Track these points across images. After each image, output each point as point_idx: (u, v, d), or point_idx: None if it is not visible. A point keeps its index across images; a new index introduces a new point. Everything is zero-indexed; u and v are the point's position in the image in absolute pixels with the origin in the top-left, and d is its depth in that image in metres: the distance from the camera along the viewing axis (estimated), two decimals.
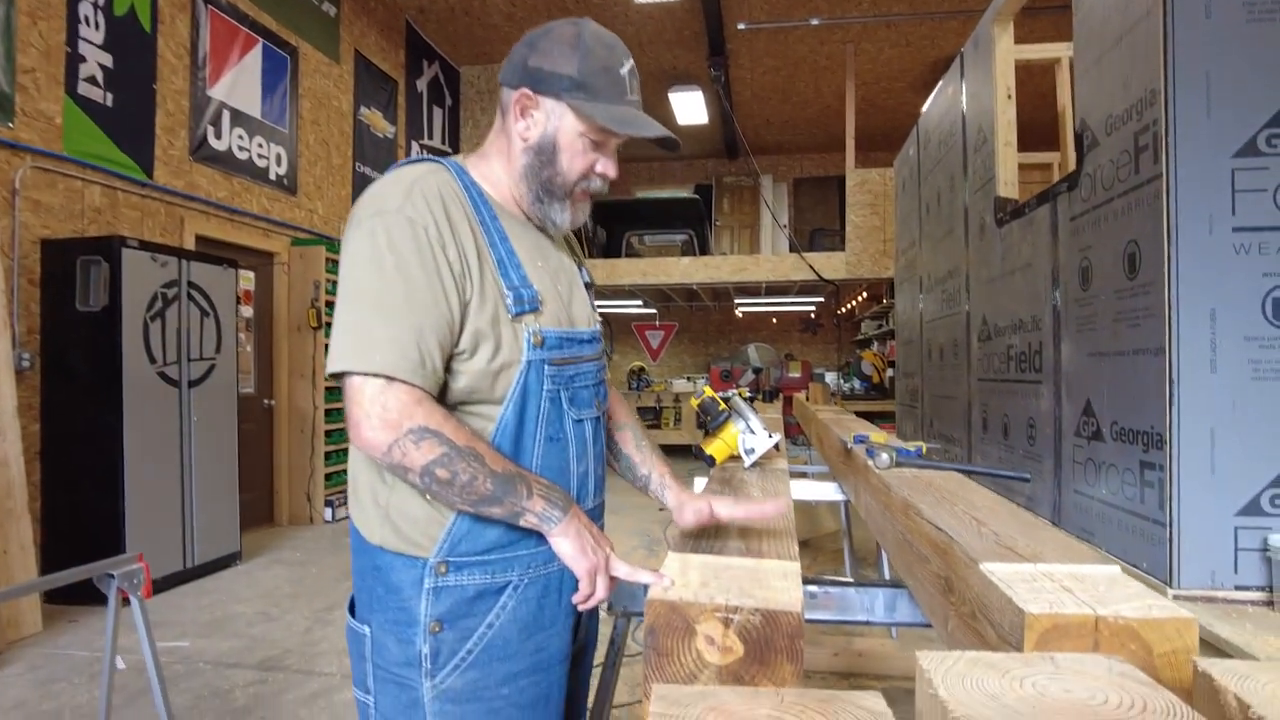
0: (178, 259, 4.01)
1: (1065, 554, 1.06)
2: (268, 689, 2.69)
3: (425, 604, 1.03)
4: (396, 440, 0.95)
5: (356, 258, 1.00)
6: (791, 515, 1.36)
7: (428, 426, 0.96)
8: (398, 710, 1.05)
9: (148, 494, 3.77)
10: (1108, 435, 2.04)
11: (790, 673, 0.88)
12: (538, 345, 1.07)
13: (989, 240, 3.15)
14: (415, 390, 0.97)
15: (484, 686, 1.05)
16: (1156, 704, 0.61)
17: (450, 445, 0.97)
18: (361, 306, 0.98)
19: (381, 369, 0.96)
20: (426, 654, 1.03)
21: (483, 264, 1.05)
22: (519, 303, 1.06)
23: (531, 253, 1.13)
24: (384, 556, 1.05)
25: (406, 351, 0.97)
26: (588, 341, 1.18)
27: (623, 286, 7.86)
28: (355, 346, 0.97)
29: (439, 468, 0.96)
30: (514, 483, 0.99)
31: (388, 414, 0.95)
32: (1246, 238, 1.73)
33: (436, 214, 1.02)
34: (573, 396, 1.14)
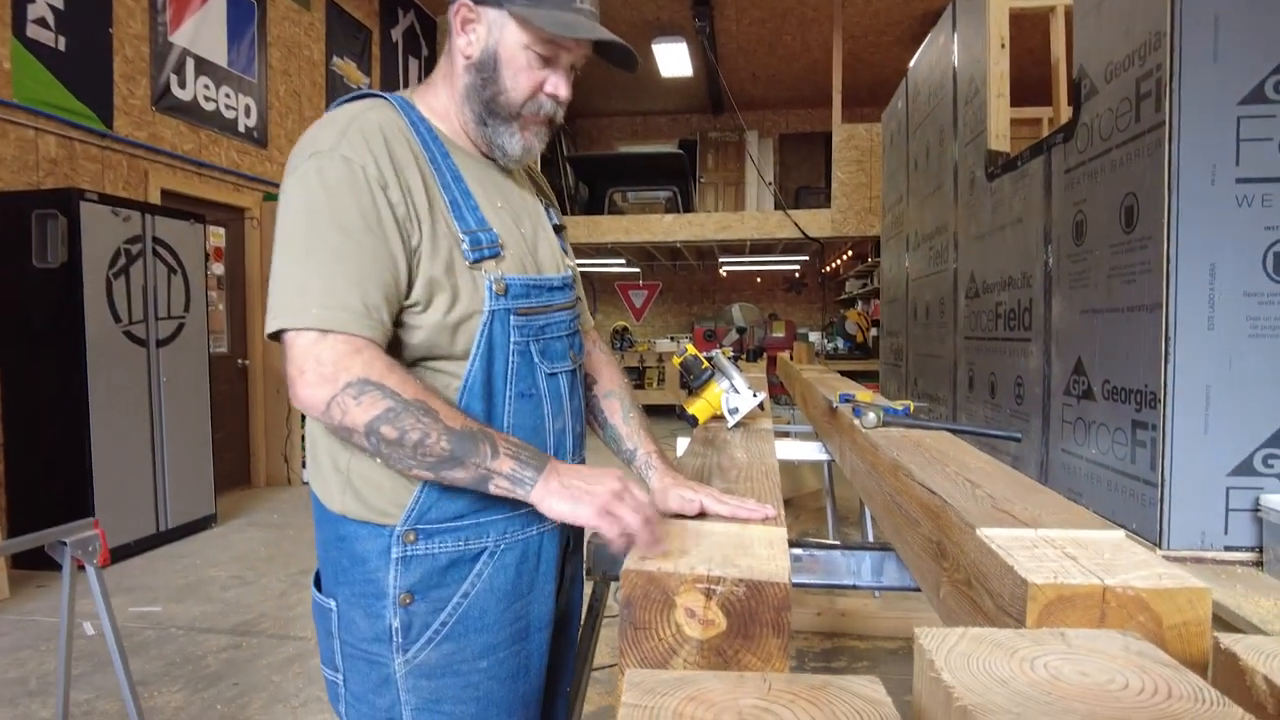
0: (141, 213, 3.85)
1: (1066, 518, 1.01)
2: (241, 654, 2.64)
3: (394, 575, 0.96)
4: (334, 396, 0.86)
5: (289, 205, 0.91)
6: (777, 479, 1.29)
7: (367, 378, 0.86)
8: (368, 688, 0.99)
9: (116, 456, 3.67)
10: (1099, 394, 2.00)
11: (776, 647, 0.83)
12: (501, 294, 0.99)
13: (979, 195, 3.07)
14: (354, 340, 0.88)
15: (460, 660, 0.99)
16: (1181, 689, 0.55)
17: (394, 398, 0.86)
18: (295, 257, 0.89)
19: (316, 322, 0.87)
20: (397, 628, 0.96)
21: (433, 206, 0.96)
22: (476, 248, 0.97)
23: (489, 192, 1.04)
24: (347, 526, 0.98)
25: (343, 301, 0.88)
26: (558, 289, 1.09)
27: (605, 244, 7.73)
28: (289, 301, 0.88)
29: (384, 425, 0.86)
30: (475, 440, 0.88)
31: (322, 367, 0.86)
32: (1249, 189, 1.66)
33: (377, 152, 0.92)
34: (544, 349, 1.05)
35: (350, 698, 1.00)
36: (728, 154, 10.75)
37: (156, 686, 2.39)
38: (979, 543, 0.94)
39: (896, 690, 0.56)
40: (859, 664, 2.52)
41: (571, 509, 0.87)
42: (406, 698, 0.97)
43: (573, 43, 1.00)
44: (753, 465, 1.40)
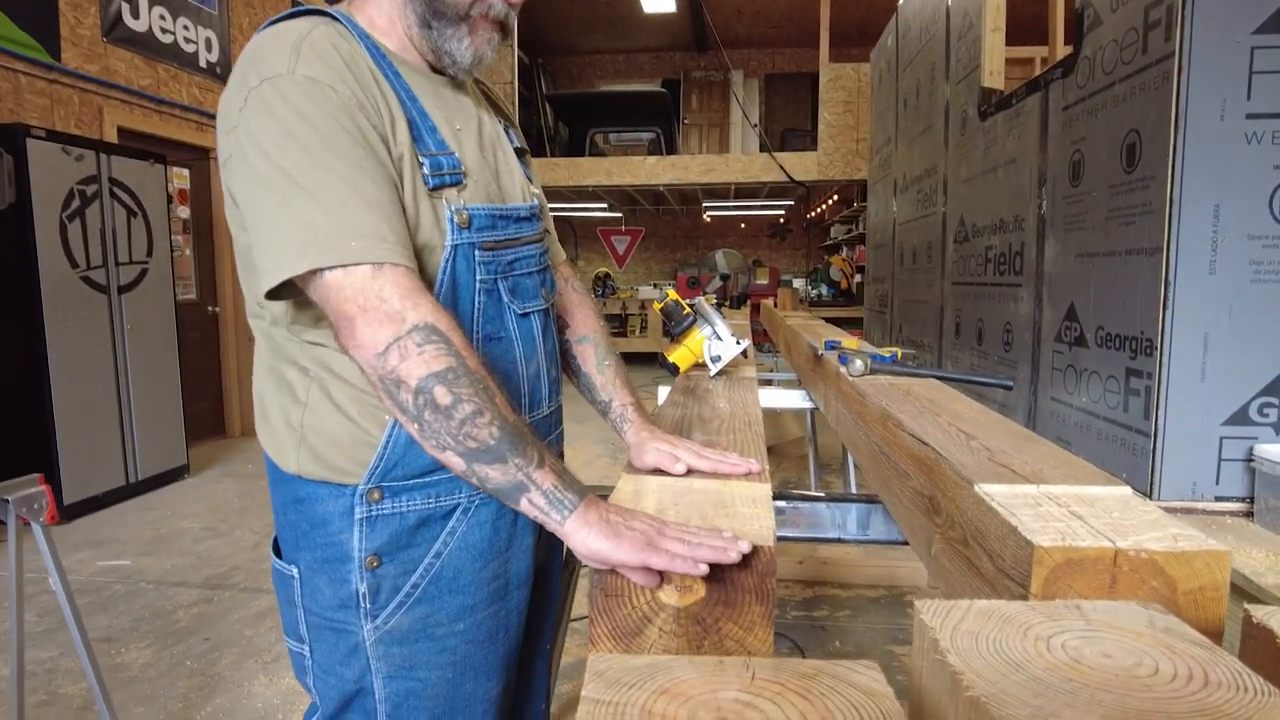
0: (95, 152, 3.66)
1: (1069, 472, 0.94)
2: (212, 608, 2.58)
3: (358, 537, 0.88)
4: (398, 339, 0.75)
5: (259, 141, 0.78)
6: (761, 430, 1.22)
7: (436, 326, 0.76)
8: (336, 659, 0.92)
9: (79, 407, 3.55)
10: (1092, 341, 1.94)
11: (760, 615, 0.76)
12: (464, 226, 0.89)
13: (971, 135, 2.97)
14: (409, 273, 0.78)
15: (435, 623, 0.92)
16: (1219, 674, 0.49)
17: (458, 358, 0.76)
18: (294, 194, 0.77)
19: (361, 256, 0.76)
20: (364, 593, 0.89)
21: (397, 125, 0.86)
22: (437, 173, 0.87)
23: (446, 112, 0.93)
24: (305, 487, 0.90)
25: (378, 230, 0.77)
26: (525, 219, 1.00)
27: (586, 188, 7.54)
28: (315, 239, 0.76)
29: (439, 385, 0.75)
30: (525, 440, 0.77)
31: (386, 304, 0.75)
32: (1260, 125, 1.58)
33: (338, 70, 0.82)
34: (514, 286, 0.96)
35: (318, 669, 0.93)
36: (712, 94, 10.47)
37: (124, 643, 2.33)
38: (977, 499, 0.87)
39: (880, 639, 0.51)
40: (841, 612, 2.51)
41: (613, 546, 0.72)
42: (378, 666, 0.91)
43: None
44: (735, 416, 1.33)
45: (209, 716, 1.94)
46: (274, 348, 0.91)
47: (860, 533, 1.44)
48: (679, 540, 0.72)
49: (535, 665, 1.15)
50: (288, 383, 0.90)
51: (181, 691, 2.06)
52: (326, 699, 0.93)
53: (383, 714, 0.92)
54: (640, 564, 0.70)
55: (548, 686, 1.22)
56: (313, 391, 0.89)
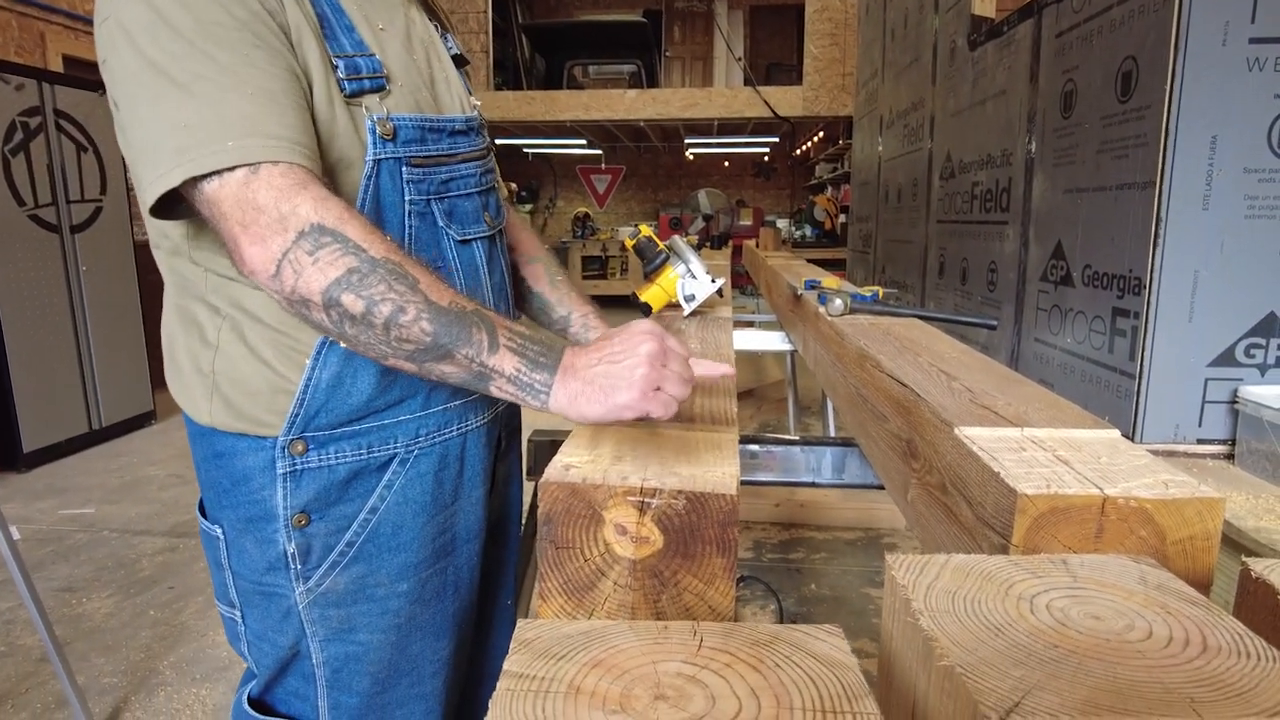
0: (38, 82, 3.45)
1: (1054, 415, 0.89)
2: (177, 557, 2.53)
3: (282, 494, 0.81)
4: (286, 252, 0.65)
5: (133, 27, 0.67)
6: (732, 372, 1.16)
7: (323, 224, 0.65)
8: (269, 625, 0.85)
9: (36, 353, 3.43)
10: (1078, 280, 1.88)
11: (721, 567, 0.71)
12: (387, 137, 0.78)
13: (959, 66, 2.86)
14: (294, 170, 0.67)
15: (374, 584, 0.85)
16: (1218, 638, 0.43)
17: (359, 253, 0.66)
18: (167, 91, 0.66)
19: (238, 158, 0.65)
20: (294, 554, 0.82)
21: (301, 25, 0.74)
22: (354, 75, 0.76)
23: (365, 9, 0.82)
24: (223, 440, 0.82)
25: (260, 125, 0.67)
26: (462, 132, 0.89)
27: (564, 123, 7.31)
28: (184, 144, 0.65)
29: (345, 292, 0.65)
30: (466, 324, 0.67)
31: (264, 213, 0.65)
32: (1263, 50, 1.50)
33: None
34: (450, 209, 0.86)
35: (251, 636, 0.87)
36: (695, 26, 10.13)
37: (85, 592, 2.28)
38: (957, 443, 0.81)
39: (856, 582, 0.48)
40: (817, 555, 2.51)
41: (610, 409, 0.67)
42: (313, 630, 0.84)
43: None
44: (705, 357, 1.27)
45: (172, 666, 1.91)
46: (180, 283, 0.82)
47: (835, 477, 1.39)
48: (678, 378, 0.69)
49: (495, 622, 1.09)
50: (197, 323, 0.81)
51: (144, 641, 2.02)
52: (262, 665, 0.88)
53: (322, 679, 0.86)
54: (644, 414, 0.68)
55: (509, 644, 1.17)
56: (224, 333, 0.80)
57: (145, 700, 1.80)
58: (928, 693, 0.43)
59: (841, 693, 0.39)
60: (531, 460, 1.50)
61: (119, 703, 1.79)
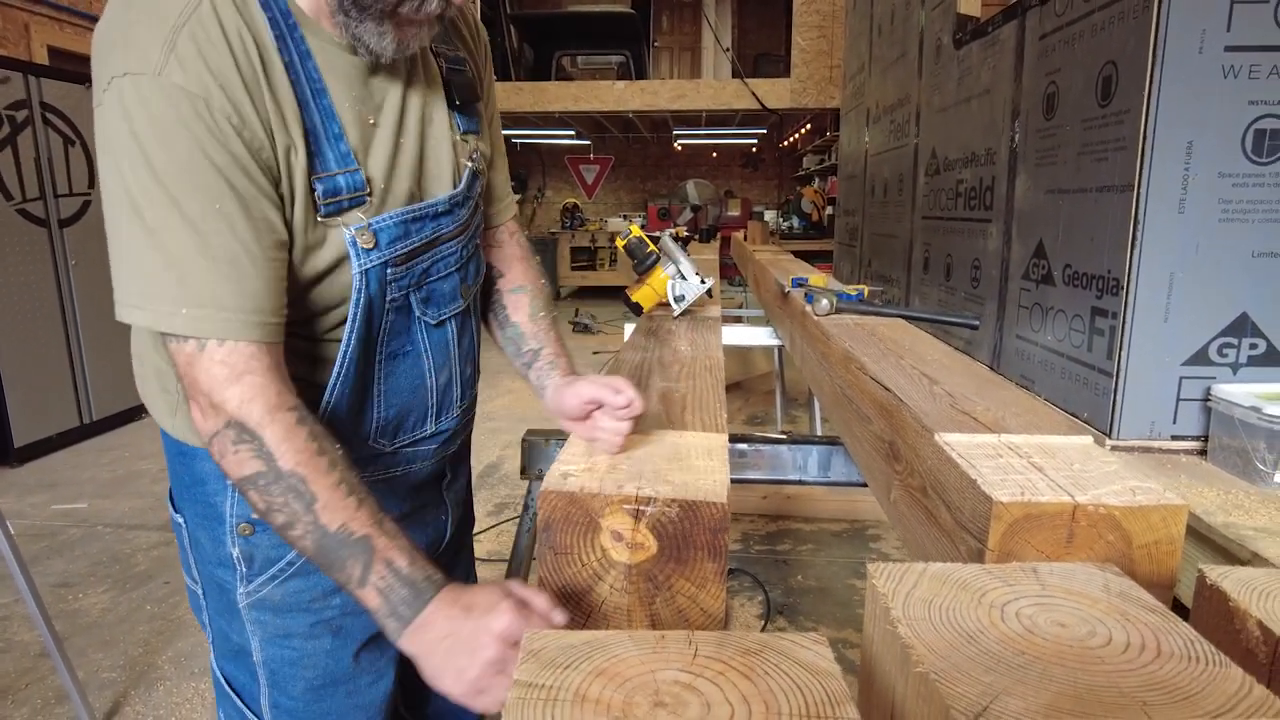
0: (24, 75, 3.42)
1: (1031, 420, 0.93)
2: (172, 551, 2.54)
3: (230, 503, 0.85)
4: (217, 432, 0.71)
5: (118, 151, 0.68)
6: (721, 375, 1.20)
7: (245, 424, 0.70)
8: (219, 610, 0.91)
9: (24, 346, 3.42)
10: (1059, 279, 1.92)
11: (712, 571, 0.75)
12: (370, 247, 0.79)
13: (945, 64, 2.88)
14: (237, 349, 0.70)
15: (310, 598, 0.88)
16: (1171, 644, 0.47)
17: (269, 461, 0.70)
18: (138, 229, 0.68)
19: (187, 328, 0.69)
20: (239, 557, 0.86)
21: (292, 137, 0.74)
22: (333, 199, 0.77)
23: (358, 104, 0.80)
24: (185, 444, 0.87)
25: (219, 295, 0.69)
26: (445, 213, 0.87)
27: (552, 113, 7.30)
28: (150, 294, 0.69)
29: (252, 490, 0.71)
30: (344, 555, 0.70)
31: (205, 395, 0.71)
32: (1238, 58, 1.53)
33: (221, 72, 0.68)
34: (428, 295, 0.87)
35: (212, 613, 0.93)
36: (683, 16, 10.11)
37: (81, 588, 2.30)
38: (937, 449, 0.85)
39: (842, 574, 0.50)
40: (804, 546, 2.55)
41: (435, 681, 0.70)
42: (253, 629, 0.89)
43: None
44: (696, 360, 1.30)
45: (170, 661, 1.93)
46: None
47: (821, 474, 1.43)
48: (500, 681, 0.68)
49: None
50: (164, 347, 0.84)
51: (142, 636, 2.04)
52: (218, 644, 0.93)
53: (263, 678, 0.90)
54: (459, 702, 0.69)
55: None
56: None
57: (145, 695, 1.82)
58: (905, 696, 0.47)
59: (825, 699, 0.43)
60: (525, 459, 1.53)
61: (118, 697, 1.81)
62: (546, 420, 1.02)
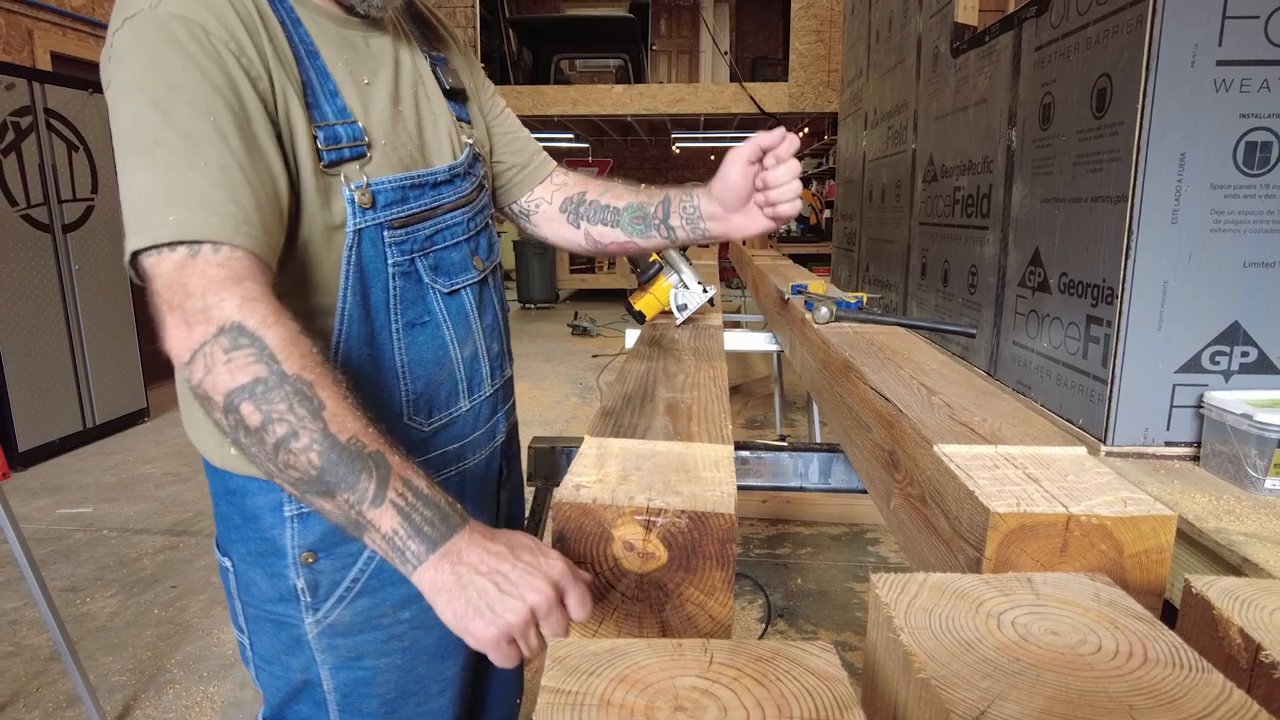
0: (28, 81, 3.44)
1: (1026, 431, 0.96)
2: (178, 555, 2.57)
3: (290, 534, 0.84)
4: (203, 344, 0.63)
5: (118, 90, 0.69)
6: (725, 388, 1.22)
7: (244, 325, 0.63)
8: (279, 650, 0.89)
9: (29, 351, 3.45)
10: (1055, 287, 1.96)
11: (720, 580, 0.78)
12: (366, 206, 0.79)
13: (942, 71, 2.92)
14: (233, 258, 0.66)
15: (379, 614, 0.89)
16: (1157, 650, 0.50)
17: (270, 363, 0.63)
18: (136, 156, 0.67)
19: (178, 233, 0.65)
20: (303, 588, 0.86)
21: (286, 88, 0.75)
22: (334, 146, 0.77)
23: (353, 64, 0.82)
24: (234, 479, 0.85)
25: (207, 199, 0.66)
26: (445, 183, 0.89)
27: (551, 117, 7.33)
28: (140, 215, 0.66)
29: (247, 401, 0.62)
30: (357, 467, 0.63)
31: (191, 299, 0.64)
32: (1230, 72, 1.57)
33: (218, 7, 0.71)
34: (436, 263, 0.88)
35: (260, 660, 0.91)
36: (681, 19, 10.15)
37: (89, 592, 2.32)
38: (936, 460, 0.88)
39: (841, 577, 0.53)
40: (803, 550, 2.58)
41: (459, 622, 0.62)
42: (323, 657, 0.89)
43: None
44: (700, 370, 1.33)
45: (179, 664, 1.96)
46: None
47: (822, 481, 1.46)
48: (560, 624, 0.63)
49: None
50: None
51: (150, 640, 2.07)
52: (271, 690, 0.92)
53: (333, 704, 0.90)
54: (484, 651, 0.63)
55: None
56: None
57: (154, 698, 1.84)
58: (907, 701, 0.50)
59: (834, 703, 0.46)
60: (531, 466, 1.56)
61: (129, 701, 1.84)
62: (551, 428, 1.04)
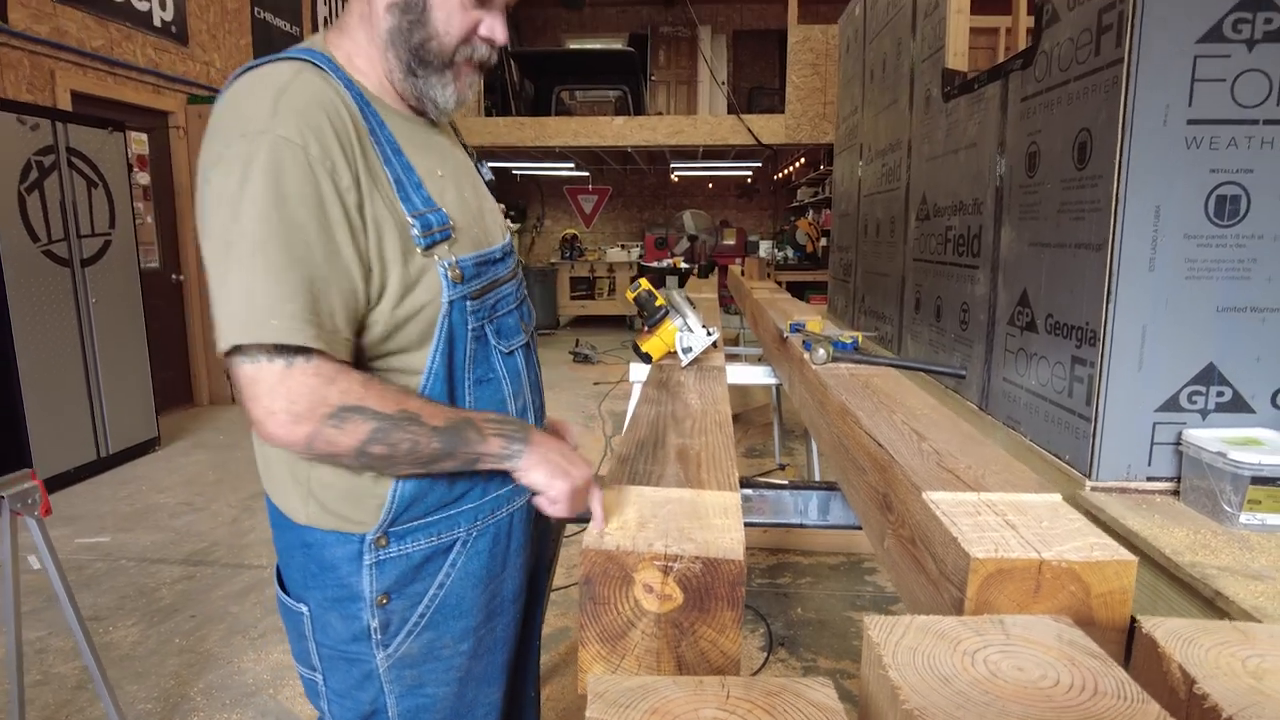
0: (52, 121, 3.56)
1: (1007, 478, 1.05)
2: (195, 585, 2.64)
3: (368, 580, 0.94)
4: (315, 432, 0.80)
5: (220, 199, 0.78)
6: (730, 431, 1.31)
7: (345, 405, 0.81)
8: (350, 685, 0.98)
9: (47, 383, 3.53)
10: (1042, 327, 2.05)
11: (730, 619, 0.86)
12: (457, 281, 0.92)
13: (934, 114, 3.03)
14: (323, 365, 0.80)
15: (441, 646, 0.99)
16: (1106, 684, 0.59)
17: (379, 417, 0.82)
18: (238, 261, 0.77)
19: (276, 336, 0.77)
20: (376, 627, 0.95)
21: (377, 187, 0.86)
22: (428, 232, 0.89)
23: (427, 159, 0.95)
24: (312, 533, 0.94)
25: (303, 311, 0.78)
26: (500, 260, 1.02)
27: (553, 148, 7.48)
28: (239, 312, 0.77)
29: (374, 445, 0.83)
30: (461, 431, 0.88)
31: (295, 406, 0.79)
32: (1199, 130, 1.67)
33: (318, 129, 0.81)
34: (499, 328, 1.00)
35: (332, 695, 1.00)
36: (680, 50, 10.35)
37: (111, 621, 2.38)
38: (925, 506, 0.97)
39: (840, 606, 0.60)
40: (803, 579, 2.66)
41: (548, 481, 0.91)
42: (390, 688, 0.98)
43: None
44: (706, 414, 1.42)
45: (202, 692, 2.02)
46: None
47: (821, 519, 1.54)
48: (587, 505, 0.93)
49: (528, 658, 1.24)
50: None
51: (173, 669, 2.13)
52: (341, 719, 1.01)
53: None
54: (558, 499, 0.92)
55: (537, 673, 1.31)
56: None
57: None
58: None
59: None
60: None
61: None
62: None
